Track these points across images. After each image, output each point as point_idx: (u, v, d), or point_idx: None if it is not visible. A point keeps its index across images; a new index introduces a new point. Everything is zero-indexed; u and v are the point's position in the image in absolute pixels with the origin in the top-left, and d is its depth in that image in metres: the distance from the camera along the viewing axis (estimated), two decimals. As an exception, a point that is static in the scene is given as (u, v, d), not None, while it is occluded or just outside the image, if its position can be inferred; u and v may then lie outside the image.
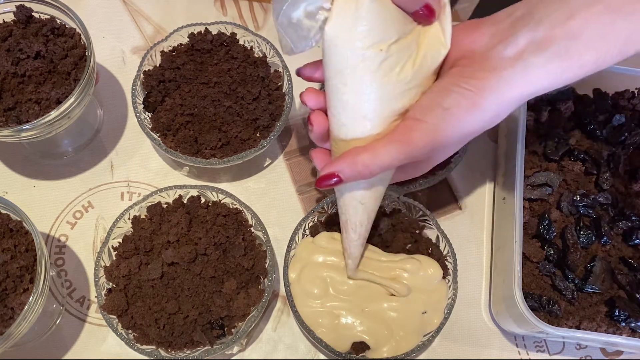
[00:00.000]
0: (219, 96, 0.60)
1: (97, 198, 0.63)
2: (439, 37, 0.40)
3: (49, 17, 0.57)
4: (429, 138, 0.39)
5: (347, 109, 0.41)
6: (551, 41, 0.36)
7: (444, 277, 0.54)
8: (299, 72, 0.46)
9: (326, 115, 0.44)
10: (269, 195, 0.64)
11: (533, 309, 0.53)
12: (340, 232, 0.56)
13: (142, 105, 0.60)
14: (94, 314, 0.58)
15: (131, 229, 0.56)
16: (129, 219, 0.56)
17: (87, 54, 0.56)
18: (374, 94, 0.40)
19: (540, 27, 0.37)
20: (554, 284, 0.55)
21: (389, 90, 0.40)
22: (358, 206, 0.47)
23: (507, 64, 0.37)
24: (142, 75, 0.61)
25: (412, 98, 0.41)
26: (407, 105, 0.41)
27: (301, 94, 0.45)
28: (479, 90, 0.38)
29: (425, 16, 0.40)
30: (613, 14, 0.36)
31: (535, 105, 0.62)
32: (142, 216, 0.56)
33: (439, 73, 0.42)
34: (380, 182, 0.46)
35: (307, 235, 0.57)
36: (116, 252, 0.55)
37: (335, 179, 0.42)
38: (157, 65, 0.62)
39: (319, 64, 0.44)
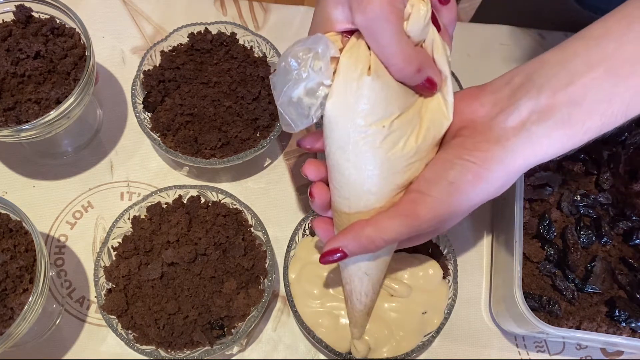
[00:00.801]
0: (219, 96, 0.60)
1: (97, 198, 0.63)
2: (441, 109, 0.40)
3: (48, 17, 0.57)
4: (435, 212, 0.38)
5: (349, 184, 0.41)
6: (553, 109, 0.36)
7: (444, 277, 0.54)
8: (299, 144, 0.45)
9: (327, 186, 0.44)
10: (269, 195, 0.64)
11: (533, 309, 0.53)
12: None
13: (142, 105, 0.60)
14: (94, 314, 0.58)
15: (131, 229, 0.56)
16: (128, 219, 0.56)
17: (86, 53, 0.56)
18: (377, 169, 0.39)
19: (542, 95, 0.36)
20: (554, 284, 0.55)
21: (393, 165, 0.39)
22: (363, 277, 0.46)
23: (511, 134, 0.37)
24: (142, 75, 0.61)
25: (416, 170, 0.40)
26: (411, 178, 0.40)
27: (302, 167, 0.45)
28: (483, 163, 0.37)
29: (427, 89, 0.39)
30: (613, 78, 0.35)
31: (536, 105, 0.62)
32: (142, 216, 0.56)
33: (441, 143, 0.41)
34: (385, 253, 0.45)
35: (307, 235, 0.57)
36: (116, 252, 0.55)
37: (339, 254, 0.41)
38: (157, 65, 0.62)
39: (319, 135, 0.43)
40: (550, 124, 0.36)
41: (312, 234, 0.56)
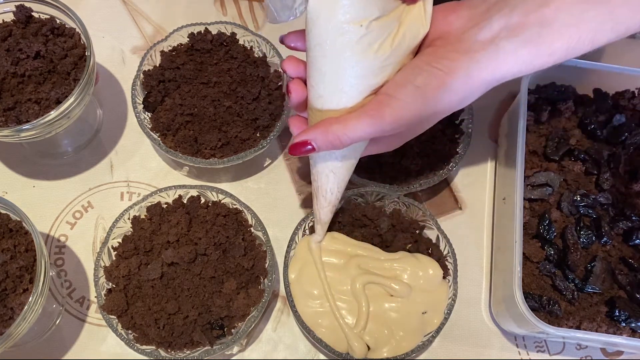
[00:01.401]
0: (219, 96, 0.60)
1: (97, 198, 0.63)
2: (420, 17, 0.41)
3: (48, 17, 0.57)
4: (398, 115, 0.40)
5: (325, 81, 0.42)
6: (523, 28, 0.38)
7: (444, 277, 0.54)
8: (282, 40, 0.47)
9: (305, 84, 0.46)
10: (269, 195, 0.64)
11: (533, 309, 0.52)
12: (341, 232, 0.56)
13: (142, 105, 0.60)
14: (94, 314, 0.58)
15: (131, 229, 0.56)
16: (128, 219, 0.56)
17: (86, 53, 0.56)
18: (352, 68, 0.41)
19: (514, 14, 0.38)
20: (554, 284, 0.55)
21: (367, 66, 0.41)
22: (329, 174, 0.49)
23: (480, 47, 0.38)
24: (142, 75, 0.61)
25: (389, 75, 0.42)
26: (383, 81, 0.42)
27: (282, 62, 0.47)
28: (449, 70, 0.39)
29: None
30: (585, 3, 0.37)
31: (536, 105, 0.62)
32: (142, 216, 0.56)
33: (416, 52, 0.43)
34: (351, 154, 0.48)
35: (307, 234, 0.57)
36: (116, 252, 0.55)
37: (308, 147, 0.43)
38: (157, 65, 0.62)
39: (302, 33, 0.45)
40: (518, 41, 0.38)
41: (312, 233, 0.56)
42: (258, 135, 0.60)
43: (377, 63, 0.41)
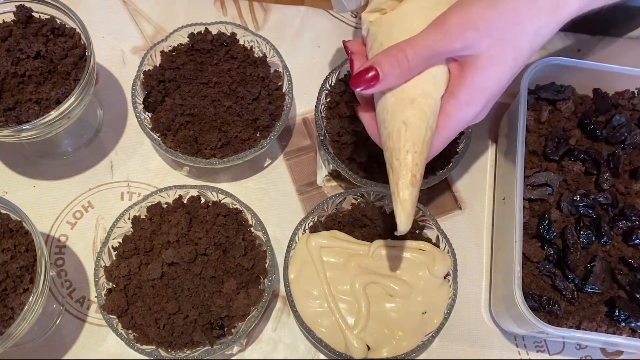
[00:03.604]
0: (219, 96, 0.60)
1: (97, 198, 0.63)
2: None
3: (49, 17, 0.57)
4: (462, 13, 0.40)
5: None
6: None
7: (444, 277, 0.54)
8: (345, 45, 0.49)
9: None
10: (269, 195, 0.64)
11: (533, 309, 0.53)
12: (340, 231, 0.56)
13: (142, 105, 0.60)
14: (94, 314, 0.58)
15: (131, 229, 0.56)
16: (129, 219, 0.56)
17: (87, 54, 0.56)
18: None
19: None
20: (554, 284, 0.55)
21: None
22: (401, 128, 0.41)
23: None
24: (142, 75, 0.61)
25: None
26: None
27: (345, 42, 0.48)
28: None
29: None
30: None
31: (535, 105, 0.62)
32: (142, 216, 0.56)
33: None
34: (423, 100, 0.42)
35: (307, 234, 0.57)
36: (116, 252, 0.55)
37: (372, 73, 0.40)
38: (157, 65, 0.62)
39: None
40: None
41: (312, 232, 0.56)
42: (258, 135, 0.60)
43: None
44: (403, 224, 0.41)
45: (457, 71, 0.43)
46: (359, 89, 0.41)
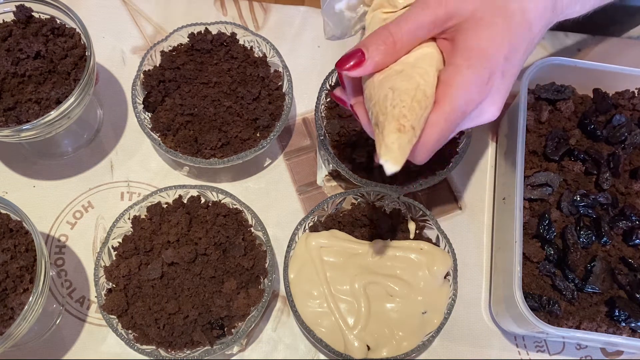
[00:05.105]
0: (219, 96, 0.60)
1: (97, 198, 0.63)
2: None
3: (49, 17, 0.57)
4: None
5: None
6: None
7: (444, 277, 0.54)
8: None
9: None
10: (269, 195, 0.64)
11: (533, 309, 0.53)
12: (340, 230, 0.56)
13: (142, 105, 0.60)
14: (94, 314, 0.58)
15: (131, 229, 0.56)
16: (129, 219, 0.56)
17: (87, 54, 0.56)
18: None
19: None
20: (554, 284, 0.55)
21: None
22: (388, 93, 0.38)
23: None
24: (142, 75, 0.61)
25: None
26: None
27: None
28: None
29: None
30: None
31: (535, 105, 0.62)
32: (142, 216, 0.56)
33: None
34: (412, 69, 0.39)
35: (307, 232, 0.57)
36: (116, 252, 0.55)
37: (358, 54, 0.38)
38: (157, 65, 0.62)
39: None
40: None
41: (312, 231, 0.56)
42: (258, 135, 0.60)
43: None
44: (389, 163, 0.36)
45: (448, 46, 0.40)
46: (344, 70, 0.39)
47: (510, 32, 0.39)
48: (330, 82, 0.61)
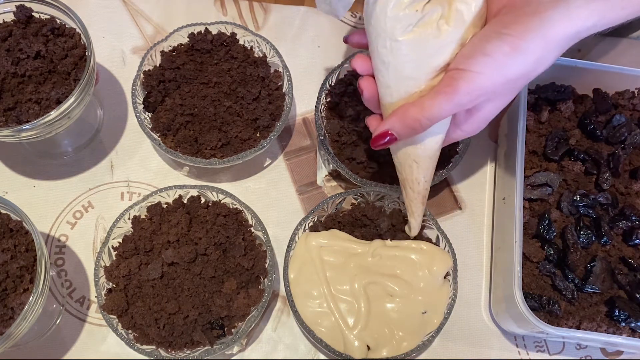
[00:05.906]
0: (219, 96, 0.60)
1: (97, 198, 0.63)
2: None
3: (49, 17, 0.57)
4: (473, 85, 0.40)
5: (390, 70, 0.43)
6: None
7: (444, 277, 0.54)
8: (346, 40, 0.48)
9: (374, 80, 0.46)
10: (269, 195, 0.64)
11: (533, 309, 0.53)
12: (340, 230, 0.56)
13: (142, 105, 0.60)
14: (94, 314, 0.58)
15: (131, 229, 0.56)
16: (129, 219, 0.56)
17: (87, 54, 0.56)
18: (413, 53, 0.42)
19: None
20: (554, 284, 0.55)
21: (427, 47, 0.42)
22: (412, 164, 0.49)
23: (549, 6, 0.38)
24: (142, 75, 0.61)
25: (452, 52, 0.42)
26: (448, 59, 0.42)
27: (351, 60, 0.47)
28: (520, 34, 0.38)
29: None
30: None
31: (536, 105, 0.62)
32: (142, 216, 0.56)
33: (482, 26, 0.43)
34: (432, 141, 0.47)
35: (306, 232, 0.57)
36: (116, 252, 0.55)
37: (388, 137, 0.44)
38: (157, 65, 0.62)
39: (364, 31, 0.45)
40: None
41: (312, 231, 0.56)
42: (258, 135, 0.60)
43: (437, 43, 0.41)
44: (415, 229, 0.54)
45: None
46: (378, 148, 0.46)
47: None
48: (330, 82, 0.61)
